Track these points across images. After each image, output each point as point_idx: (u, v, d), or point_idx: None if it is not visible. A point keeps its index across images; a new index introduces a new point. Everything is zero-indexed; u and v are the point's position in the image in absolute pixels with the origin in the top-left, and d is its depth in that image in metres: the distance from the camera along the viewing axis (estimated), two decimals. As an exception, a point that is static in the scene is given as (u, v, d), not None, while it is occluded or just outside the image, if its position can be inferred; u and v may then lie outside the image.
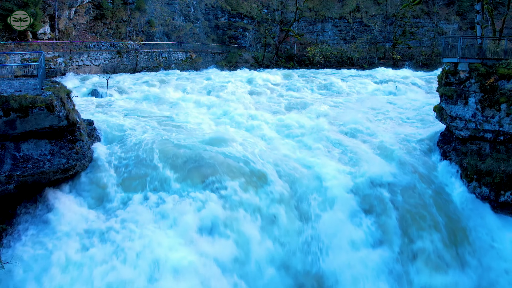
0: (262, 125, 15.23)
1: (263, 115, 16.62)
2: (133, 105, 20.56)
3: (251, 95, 23.60)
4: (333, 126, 15.57)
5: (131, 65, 36.23)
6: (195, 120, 16.17)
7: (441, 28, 56.57)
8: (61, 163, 10.18)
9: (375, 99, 24.54)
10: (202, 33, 47.31)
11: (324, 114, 18.26)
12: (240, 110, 17.85)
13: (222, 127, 14.96)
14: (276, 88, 26.48)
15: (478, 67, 13.25)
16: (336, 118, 17.17)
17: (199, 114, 17.45)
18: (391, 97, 27.02)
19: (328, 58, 48.80)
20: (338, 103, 22.30)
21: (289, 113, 18.18)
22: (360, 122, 16.12)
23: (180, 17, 45.20)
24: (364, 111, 18.99)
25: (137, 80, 29.59)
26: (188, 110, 17.66)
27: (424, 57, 52.88)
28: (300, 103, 21.13)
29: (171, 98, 21.79)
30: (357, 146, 13.53)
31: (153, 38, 41.49)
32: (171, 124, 15.23)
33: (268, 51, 49.93)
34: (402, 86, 29.99)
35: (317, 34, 54.12)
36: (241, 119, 16.26)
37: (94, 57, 33.66)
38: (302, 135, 14.48)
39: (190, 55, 41.15)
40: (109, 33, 39.31)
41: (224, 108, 18.20)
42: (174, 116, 16.58)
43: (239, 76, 30.68)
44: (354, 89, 28.48)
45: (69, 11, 35.86)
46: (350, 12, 54.84)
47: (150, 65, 37.43)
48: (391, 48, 52.35)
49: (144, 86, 26.51)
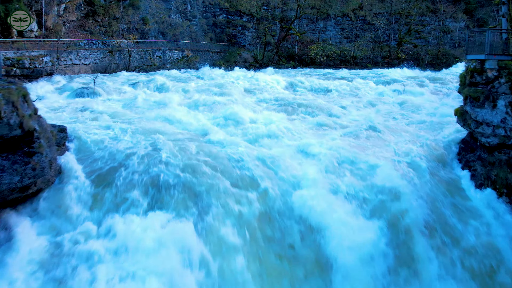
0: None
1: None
2: (120, 109, 18.74)
3: (250, 93, 21.77)
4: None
5: (123, 64, 34.44)
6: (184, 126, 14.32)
7: (447, 27, 54.75)
8: (13, 182, 8.29)
9: (383, 101, 22.80)
10: (199, 31, 45.49)
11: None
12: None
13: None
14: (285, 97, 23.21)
15: (509, 65, 11.44)
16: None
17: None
18: (399, 98, 25.29)
19: (331, 57, 46.95)
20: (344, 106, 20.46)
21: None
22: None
23: (176, 15, 43.38)
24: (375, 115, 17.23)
25: (128, 80, 27.83)
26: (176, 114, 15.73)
27: (430, 56, 51.04)
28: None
29: (159, 100, 19.99)
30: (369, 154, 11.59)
31: (147, 36, 39.73)
32: (156, 130, 13.39)
33: (268, 50, 48.10)
34: (408, 87, 28.35)
35: (319, 32, 52.30)
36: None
37: (83, 55, 31.87)
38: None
39: (186, 54, 39.35)
40: (101, 31, 37.54)
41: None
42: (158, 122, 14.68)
43: (235, 77, 28.82)
44: (360, 91, 26.68)
45: (58, 8, 34.08)
46: (353, 10, 53.01)
47: (143, 65, 35.64)
48: (395, 47, 50.49)
49: (131, 87, 24.75)
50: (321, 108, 18.05)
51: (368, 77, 35.00)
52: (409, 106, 21.06)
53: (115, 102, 20.38)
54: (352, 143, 12.33)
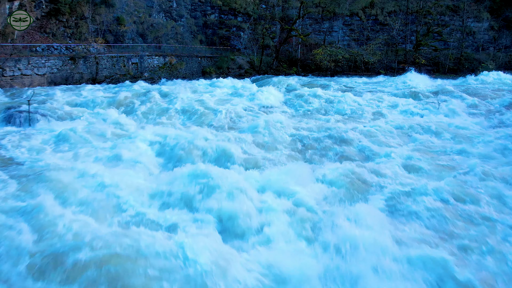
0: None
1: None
2: (50, 145, 12.75)
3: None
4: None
5: (89, 73, 28.32)
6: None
7: (469, 27, 48.46)
8: None
9: (418, 122, 16.57)
10: (186, 33, 39.31)
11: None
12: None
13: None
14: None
15: None
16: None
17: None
18: (435, 117, 19.19)
19: (339, 62, 40.69)
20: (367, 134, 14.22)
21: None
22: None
23: (159, 14, 37.23)
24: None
25: (85, 97, 21.65)
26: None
27: (451, 61, 44.76)
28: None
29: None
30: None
31: (123, 40, 33.63)
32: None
33: (267, 54, 41.89)
34: (433, 99, 22.41)
35: (325, 34, 46.04)
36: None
37: (37, 64, 25.77)
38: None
39: (169, 60, 33.20)
40: (66, 33, 31.44)
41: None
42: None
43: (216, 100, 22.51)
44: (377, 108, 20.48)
45: (10, 5, 28.02)
46: (363, 8, 46.74)
47: (115, 74, 29.50)
48: (412, 51, 44.21)
49: (84, 109, 18.66)
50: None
51: (384, 85, 28.88)
52: (450, 128, 14.98)
53: (52, 133, 14.15)
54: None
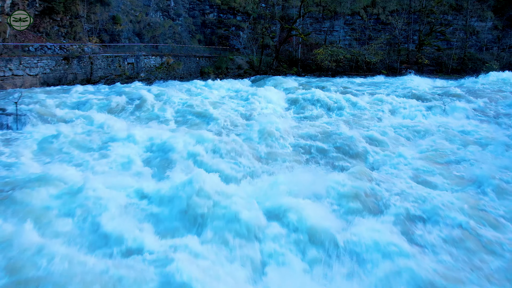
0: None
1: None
2: (33, 151, 11.98)
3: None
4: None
5: (83, 74, 27.50)
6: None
7: (472, 27, 47.61)
8: None
9: (424, 126, 15.78)
10: (184, 33, 38.47)
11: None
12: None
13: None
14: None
15: None
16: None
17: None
18: (441, 120, 18.44)
19: (340, 62, 39.86)
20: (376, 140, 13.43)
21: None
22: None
23: (157, 13, 36.39)
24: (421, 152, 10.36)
25: (79, 98, 20.84)
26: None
27: (455, 61, 43.93)
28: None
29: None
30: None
31: (119, 39, 32.79)
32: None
33: (267, 54, 41.06)
34: (439, 101, 21.59)
35: (326, 33, 45.20)
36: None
37: (29, 64, 24.96)
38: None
39: (167, 60, 32.37)
40: (61, 32, 30.62)
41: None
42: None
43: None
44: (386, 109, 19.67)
45: (2, 3, 27.20)
46: (364, 7, 45.89)
47: (110, 74, 28.68)
48: (415, 51, 43.38)
49: (75, 111, 17.82)
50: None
51: (388, 86, 28.06)
52: (471, 141, 14.10)
53: (34, 144, 13.37)
54: None
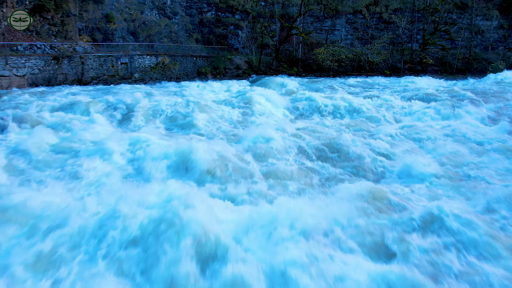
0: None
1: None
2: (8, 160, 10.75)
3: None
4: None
5: (74, 74, 26.32)
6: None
7: (478, 26, 46.37)
8: None
9: (434, 131, 14.53)
10: (181, 32, 37.26)
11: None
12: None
13: None
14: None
15: None
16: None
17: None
18: (450, 124, 17.16)
19: (342, 62, 38.66)
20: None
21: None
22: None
23: (152, 11, 35.19)
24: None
25: (64, 100, 19.60)
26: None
27: (460, 61, 42.70)
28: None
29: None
30: None
31: (113, 38, 31.62)
32: None
33: (266, 54, 39.86)
34: (449, 102, 20.34)
35: (327, 32, 43.98)
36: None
37: (16, 64, 23.79)
38: None
39: (162, 60, 31.18)
40: (51, 31, 29.44)
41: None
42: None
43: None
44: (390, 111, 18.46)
45: (-11, 1, 26.08)
46: (367, 6, 44.67)
47: (103, 74, 27.50)
48: (419, 50, 42.18)
49: (61, 113, 16.58)
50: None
51: (393, 87, 26.80)
52: (472, 135, 12.92)
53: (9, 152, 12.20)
54: None
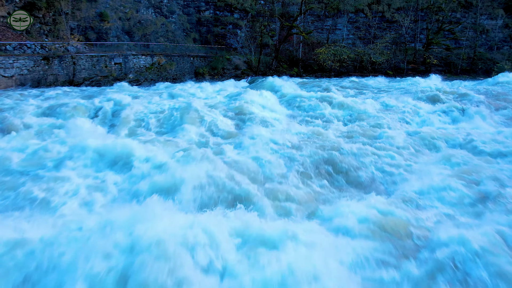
0: None
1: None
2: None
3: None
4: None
5: (65, 75, 25.28)
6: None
7: (482, 25, 45.32)
8: None
9: (444, 136, 13.46)
10: (178, 31, 36.20)
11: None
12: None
13: None
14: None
15: None
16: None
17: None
18: (457, 129, 16.10)
19: (344, 62, 37.61)
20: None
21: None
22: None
23: (148, 9, 34.12)
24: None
25: (54, 103, 18.54)
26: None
27: (464, 61, 41.65)
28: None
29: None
30: None
31: (107, 37, 30.55)
32: None
33: (266, 54, 38.81)
34: (456, 103, 19.29)
35: (328, 32, 42.92)
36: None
37: (3, 64, 22.75)
38: None
39: (158, 60, 30.13)
40: (43, 30, 28.40)
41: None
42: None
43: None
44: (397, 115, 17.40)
45: (-24, -2, 25.06)
46: (369, 4, 43.61)
47: (95, 75, 26.45)
48: (422, 50, 41.12)
49: (49, 119, 15.46)
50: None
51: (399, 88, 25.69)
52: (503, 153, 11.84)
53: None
54: None
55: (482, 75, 40.48)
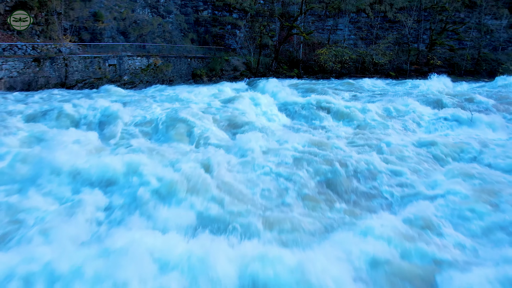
0: None
1: None
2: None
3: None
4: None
5: (57, 77, 24.41)
6: None
7: (487, 25, 44.38)
8: None
9: (453, 143, 12.55)
10: (175, 31, 35.31)
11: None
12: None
13: None
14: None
15: None
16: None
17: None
18: (467, 136, 15.19)
19: (345, 63, 36.71)
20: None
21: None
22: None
23: (144, 9, 33.24)
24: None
25: (42, 106, 17.64)
26: None
27: (469, 62, 40.72)
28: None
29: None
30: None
31: (101, 38, 29.68)
32: None
33: (265, 55, 37.91)
34: (463, 110, 18.40)
35: (329, 32, 42.02)
36: None
37: (-8, 66, 21.92)
38: None
39: (154, 61, 29.25)
40: (35, 30, 27.54)
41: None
42: None
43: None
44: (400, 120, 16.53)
45: (-35, -2, 24.19)
46: (370, 4, 42.69)
47: (89, 77, 25.58)
48: (425, 51, 40.20)
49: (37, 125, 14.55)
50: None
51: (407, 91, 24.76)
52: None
53: None
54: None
55: (487, 77, 39.60)
